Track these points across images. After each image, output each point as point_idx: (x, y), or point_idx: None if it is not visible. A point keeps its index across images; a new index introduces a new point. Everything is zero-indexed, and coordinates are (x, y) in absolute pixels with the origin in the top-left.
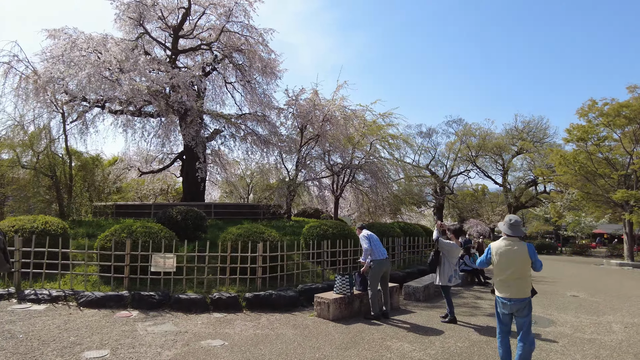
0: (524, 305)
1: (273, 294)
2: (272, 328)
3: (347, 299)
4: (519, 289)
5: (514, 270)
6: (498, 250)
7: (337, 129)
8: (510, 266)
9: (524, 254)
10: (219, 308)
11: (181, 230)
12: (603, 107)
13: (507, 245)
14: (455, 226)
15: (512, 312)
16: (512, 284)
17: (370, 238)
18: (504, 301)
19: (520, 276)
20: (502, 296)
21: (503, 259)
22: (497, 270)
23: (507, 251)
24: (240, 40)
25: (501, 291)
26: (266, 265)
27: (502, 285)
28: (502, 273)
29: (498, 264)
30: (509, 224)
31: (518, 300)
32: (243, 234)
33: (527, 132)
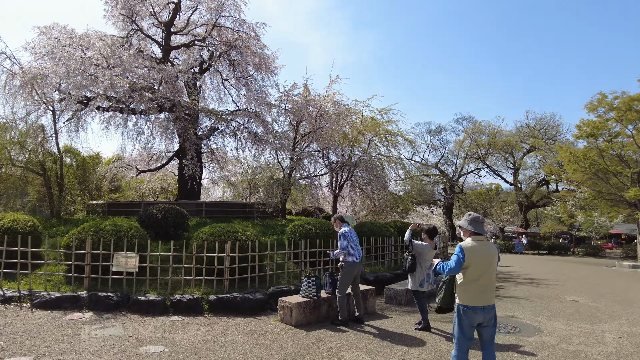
0: (494, 312)
1: (238, 297)
2: (226, 334)
3: (313, 303)
4: (492, 293)
5: (489, 272)
6: (472, 251)
7: (331, 125)
8: (487, 268)
9: (495, 253)
10: (179, 311)
11: (161, 229)
12: (613, 101)
13: (481, 245)
14: (429, 226)
15: (483, 321)
16: (487, 289)
17: (350, 237)
18: (476, 311)
19: (493, 278)
20: (474, 305)
21: (479, 260)
22: (470, 274)
23: (483, 252)
24: (234, 36)
25: (473, 299)
26: (235, 266)
27: (475, 291)
28: (477, 277)
29: (474, 267)
30: (475, 221)
31: (490, 308)
32: (215, 233)
33: (539, 129)
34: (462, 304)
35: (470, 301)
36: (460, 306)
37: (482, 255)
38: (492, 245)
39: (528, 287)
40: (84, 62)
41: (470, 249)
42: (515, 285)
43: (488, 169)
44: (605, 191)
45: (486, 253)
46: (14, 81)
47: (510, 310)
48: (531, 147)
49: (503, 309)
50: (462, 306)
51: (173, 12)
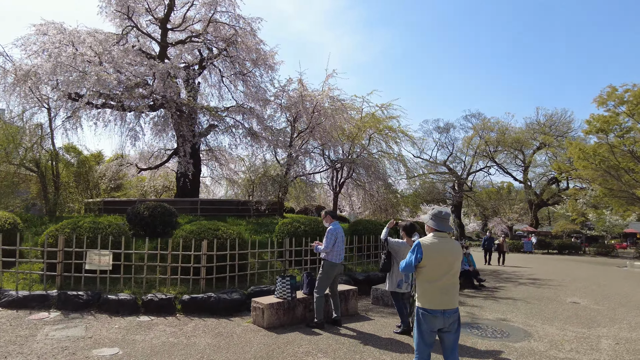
0: (456, 317)
1: (212, 297)
2: (191, 336)
3: (287, 304)
4: (454, 296)
5: (450, 273)
6: (432, 248)
7: (327, 120)
8: (447, 268)
9: (459, 253)
10: (150, 310)
11: (148, 227)
12: (624, 94)
13: (442, 243)
14: (406, 223)
15: (444, 327)
16: (448, 291)
17: (337, 236)
18: (436, 314)
19: (456, 280)
20: (433, 308)
21: (439, 259)
22: (429, 273)
23: (443, 249)
24: (230, 31)
25: (432, 301)
26: (212, 265)
27: (435, 293)
28: (437, 277)
29: (432, 266)
30: (437, 216)
31: (452, 312)
32: (195, 230)
33: (550, 125)
34: (421, 307)
35: (429, 304)
36: (419, 309)
37: (442, 254)
38: (455, 244)
39: (529, 288)
40: (75, 58)
41: (429, 246)
42: (515, 286)
43: (497, 166)
44: (617, 188)
45: (448, 252)
46: (7, 78)
47: (503, 313)
48: (541, 144)
49: (496, 311)
50: (420, 309)
51: (168, 8)
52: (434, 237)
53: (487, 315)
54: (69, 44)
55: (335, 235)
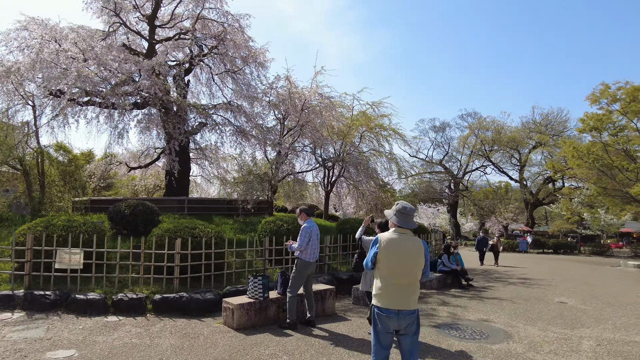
0: (413, 319)
1: (184, 297)
2: (156, 337)
3: (259, 305)
4: (411, 297)
5: (408, 272)
6: (389, 244)
7: (316, 117)
8: (404, 266)
9: (420, 252)
10: (120, 311)
11: (129, 225)
12: (616, 91)
13: (401, 239)
14: (382, 220)
15: (399, 329)
16: (404, 291)
17: (311, 234)
18: (390, 314)
19: (414, 280)
20: (387, 307)
21: (395, 256)
22: (385, 270)
23: (401, 246)
24: (218, 28)
25: (387, 300)
26: (187, 264)
27: (389, 291)
28: (392, 275)
29: (387, 263)
30: (400, 212)
31: (408, 313)
32: (171, 229)
33: (546, 125)
34: (375, 305)
35: (382, 302)
36: (374, 308)
37: (401, 251)
38: (417, 242)
39: (518, 288)
40: (58, 55)
41: (388, 241)
42: (504, 286)
43: (493, 166)
44: (611, 187)
45: (407, 249)
46: None
47: (487, 314)
48: (537, 143)
49: (480, 311)
50: (375, 307)
51: (155, 5)
52: (394, 232)
53: (470, 315)
54: (52, 40)
55: (310, 233)
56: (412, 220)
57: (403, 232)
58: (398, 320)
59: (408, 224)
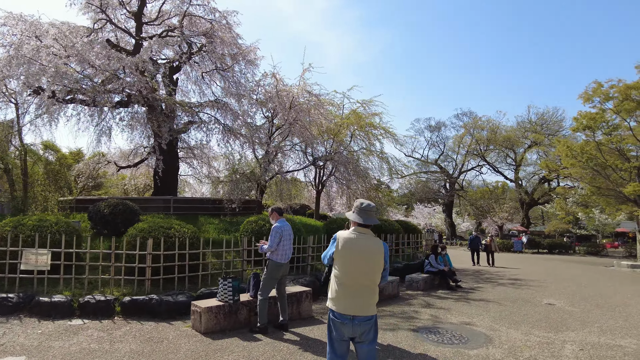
0: (370, 325)
1: (153, 299)
2: (117, 341)
3: (229, 308)
4: (367, 301)
5: (365, 275)
6: (346, 243)
7: (304, 115)
8: (361, 268)
9: (380, 253)
10: (86, 313)
11: (108, 225)
12: (609, 90)
13: (360, 239)
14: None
15: (354, 335)
16: (359, 294)
17: (283, 233)
18: (344, 321)
19: (372, 284)
20: (342, 312)
21: (352, 256)
22: (341, 271)
23: (359, 247)
24: (206, 25)
25: (339, 303)
26: (159, 265)
27: (343, 294)
28: (347, 276)
29: (343, 264)
30: (359, 208)
31: (364, 319)
32: (146, 229)
33: (541, 124)
34: (329, 308)
35: (335, 305)
36: (329, 311)
37: (358, 251)
38: (377, 243)
39: (507, 289)
40: (39, 51)
41: (346, 241)
42: (493, 287)
43: (488, 165)
44: (605, 187)
45: (365, 250)
46: None
47: (470, 316)
48: (533, 142)
49: (464, 314)
50: (330, 311)
51: (141, 1)
52: (354, 231)
53: (452, 318)
54: (32, 36)
55: (281, 233)
56: (373, 216)
57: (363, 232)
58: (353, 327)
59: (368, 220)
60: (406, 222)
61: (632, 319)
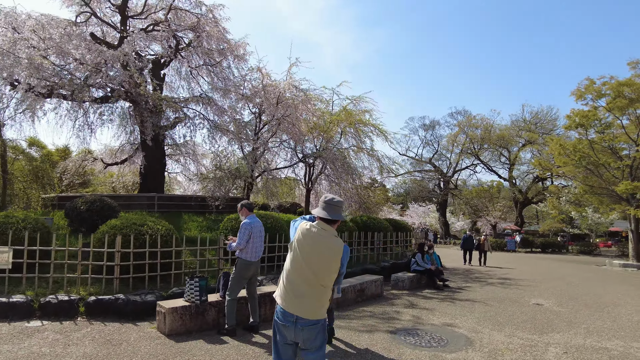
0: (315, 331)
1: (119, 299)
2: (72, 344)
3: (195, 309)
4: (314, 304)
5: (315, 274)
6: (303, 236)
7: (291, 111)
8: (313, 265)
9: (337, 255)
10: (47, 314)
11: (85, 222)
12: (601, 87)
13: (319, 234)
14: None
15: (298, 341)
16: (307, 294)
17: (253, 230)
18: (286, 322)
19: (321, 285)
20: (285, 308)
21: (305, 250)
22: (291, 265)
23: (316, 242)
24: (192, 19)
25: (283, 297)
26: (129, 264)
27: (291, 290)
28: (296, 272)
29: (295, 257)
30: (324, 202)
31: (308, 324)
32: (117, 226)
33: (535, 123)
34: (277, 300)
35: (281, 299)
36: (277, 308)
37: (314, 248)
38: (337, 243)
39: (495, 289)
40: (16, 43)
41: (304, 232)
42: (482, 287)
43: (482, 164)
44: (597, 186)
45: (321, 248)
46: None
47: (453, 317)
48: (527, 141)
49: (447, 315)
50: (277, 307)
51: None
52: (315, 225)
53: (434, 319)
54: (8, 27)
55: (250, 230)
56: (339, 212)
57: (324, 229)
58: (296, 331)
59: (334, 215)
60: (396, 221)
61: (620, 319)
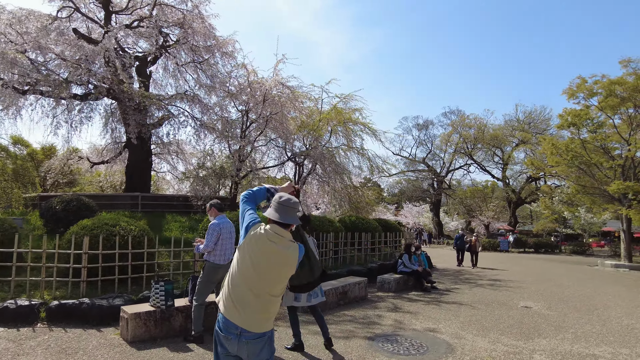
0: (261, 344)
1: (84, 303)
2: (23, 354)
3: (160, 314)
4: (260, 316)
5: (265, 281)
6: (254, 238)
7: (278, 108)
8: (261, 272)
9: (291, 264)
10: (4, 321)
11: (61, 222)
12: (593, 85)
13: (271, 240)
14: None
15: (241, 355)
16: (253, 303)
17: (222, 232)
18: (228, 334)
19: (270, 296)
20: (226, 316)
21: (253, 255)
22: (240, 270)
23: (267, 249)
24: (177, 15)
25: (229, 309)
26: (97, 265)
27: (234, 298)
28: (243, 278)
29: (242, 262)
30: (277, 202)
31: (253, 337)
32: (88, 226)
33: (529, 122)
34: (220, 307)
35: (223, 306)
36: (218, 317)
37: (262, 255)
38: (292, 250)
39: (484, 290)
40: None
41: (256, 237)
42: (470, 288)
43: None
44: (590, 185)
45: (272, 256)
46: None
47: (437, 321)
48: (520, 141)
49: (431, 319)
50: (219, 316)
51: None
52: (269, 229)
53: (417, 324)
54: None
55: (219, 231)
56: (294, 215)
57: (279, 233)
58: (239, 344)
59: (287, 218)
60: (386, 221)
61: (610, 323)
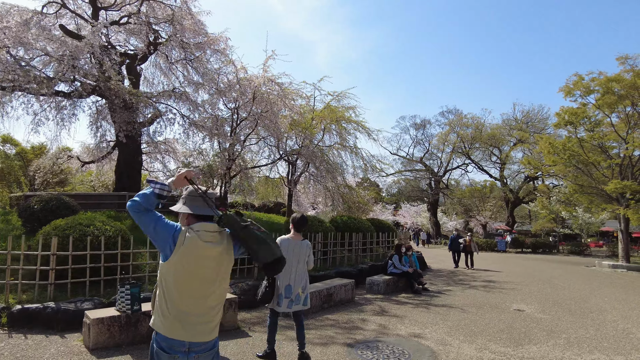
0: (211, 356)
1: (49, 307)
2: None
3: (126, 319)
4: (209, 325)
5: (206, 283)
6: (191, 241)
7: (269, 106)
8: (204, 276)
9: (226, 263)
10: None
11: (39, 223)
12: (590, 82)
13: (202, 239)
14: (296, 215)
15: None
16: (192, 315)
17: None
18: (173, 353)
19: (217, 302)
20: (171, 337)
21: (190, 263)
22: (177, 284)
23: (201, 250)
24: (166, 11)
25: (172, 327)
26: (67, 267)
27: (174, 316)
28: (180, 292)
29: (177, 274)
30: (189, 195)
31: (204, 349)
32: (61, 226)
33: (526, 122)
34: (154, 327)
35: (163, 326)
36: (155, 337)
37: (201, 259)
38: (226, 241)
39: (477, 293)
40: None
41: (188, 245)
42: (462, 290)
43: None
44: (587, 185)
45: (210, 255)
46: None
47: (423, 326)
48: (518, 140)
49: (417, 323)
50: (158, 336)
51: None
52: (198, 227)
53: (401, 329)
54: None
55: None
56: (209, 204)
57: (209, 230)
58: (186, 358)
59: (199, 209)
60: (380, 221)
61: (605, 327)
